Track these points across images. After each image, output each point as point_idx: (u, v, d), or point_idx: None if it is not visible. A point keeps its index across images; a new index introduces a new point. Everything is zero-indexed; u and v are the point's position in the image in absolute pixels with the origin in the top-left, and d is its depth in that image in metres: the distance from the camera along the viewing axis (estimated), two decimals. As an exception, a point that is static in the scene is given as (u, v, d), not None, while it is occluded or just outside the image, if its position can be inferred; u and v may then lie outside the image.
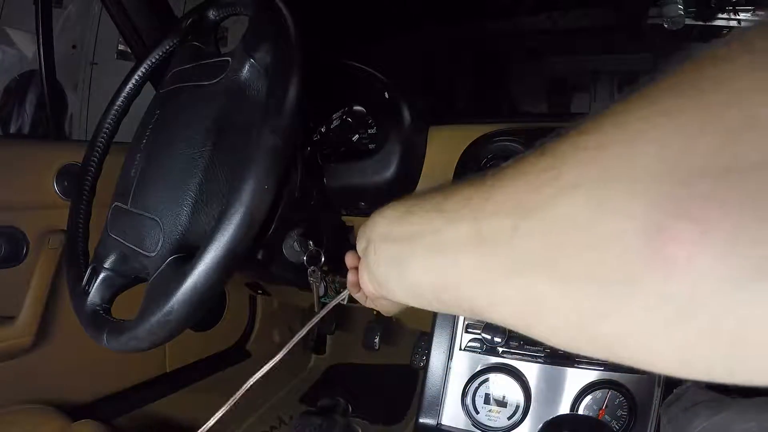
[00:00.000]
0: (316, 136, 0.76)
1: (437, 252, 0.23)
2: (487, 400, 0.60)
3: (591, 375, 0.58)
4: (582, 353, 0.20)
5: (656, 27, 1.14)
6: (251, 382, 0.34)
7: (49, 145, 0.89)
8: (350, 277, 0.40)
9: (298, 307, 1.36)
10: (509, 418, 0.59)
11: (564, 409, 0.58)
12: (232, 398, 0.32)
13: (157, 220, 0.47)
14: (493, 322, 0.23)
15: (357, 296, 0.41)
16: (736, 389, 0.45)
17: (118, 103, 0.63)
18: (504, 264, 0.19)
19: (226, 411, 0.35)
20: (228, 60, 0.50)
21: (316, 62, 0.66)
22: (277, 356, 0.35)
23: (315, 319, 0.38)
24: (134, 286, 0.54)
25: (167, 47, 0.62)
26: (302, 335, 0.37)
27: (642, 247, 0.15)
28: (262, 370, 0.35)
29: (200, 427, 0.35)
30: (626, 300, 0.15)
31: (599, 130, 0.17)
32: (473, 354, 0.62)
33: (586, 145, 0.17)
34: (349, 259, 0.40)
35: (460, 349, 0.63)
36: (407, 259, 0.26)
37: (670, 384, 0.55)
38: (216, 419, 0.32)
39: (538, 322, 0.19)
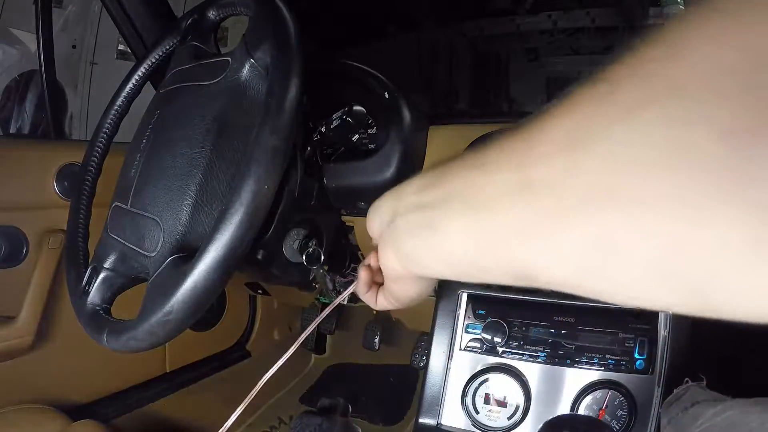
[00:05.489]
0: (316, 136, 0.76)
1: (477, 209, 0.20)
2: (487, 400, 0.60)
3: (591, 375, 0.58)
4: (657, 303, 0.17)
5: (657, 27, 1.13)
6: (262, 383, 0.33)
7: (49, 145, 0.89)
8: (363, 274, 0.36)
9: (298, 307, 1.36)
10: (509, 418, 0.59)
11: (564, 409, 0.58)
12: (246, 399, 0.32)
13: (157, 220, 0.47)
14: (546, 287, 0.20)
15: (366, 297, 0.37)
16: (736, 389, 0.45)
17: (118, 103, 0.63)
18: (561, 207, 0.17)
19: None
20: (228, 60, 0.50)
21: (316, 62, 0.66)
22: (286, 354, 0.35)
23: (321, 316, 0.37)
24: (134, 286, 0.54)
25: (167, 47, 0.62)
26: (309, 332, 0.36)
27: (735, 155, 0.13)
28: (271, 370, 0.34)
29: (200, 427, 0.35)
30: (720, 222, 0.13)
31: (661, 41, 0.15)
32: (473, 354, 0.62)
33: (650, 57, 0.15)
34: (373, 257, 0.36)
35: (460, 349, 0.63)
36: (442, 223, 0.23)
37: (670, 384, 0.55)
38: (231, 422, 0.31)
39: (607, 269, 0.17)
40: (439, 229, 0.23)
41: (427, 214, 0.24)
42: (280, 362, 0.34)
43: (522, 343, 0.61)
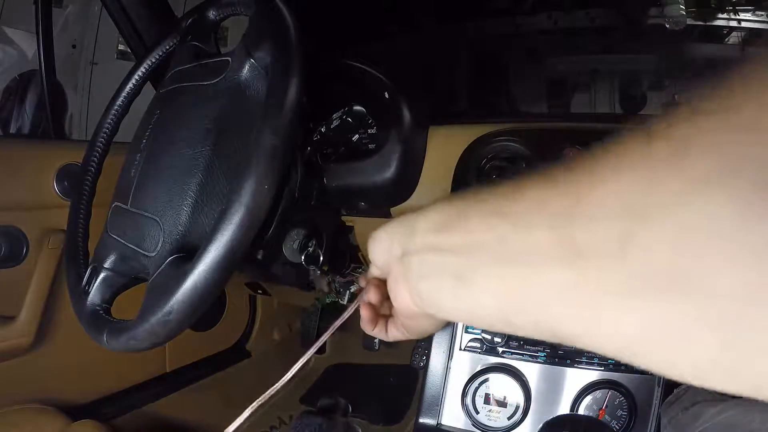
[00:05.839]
0: (316, 136, 0.76)
1: (509, 266, 0.19)
2: (487, 400, 0.60)
3: (591, 375, 0.58)
4: (713, 385, 0.15)
5: (657, 27, 1.14)
6: (278, 386, 0.33)
7: (49, 145, 0.89)
8: (365, 313, 0.34)
9: (298, 307, 1.36)
10: (509, 418, 0.59)
11: (564, 409, 0.58)
12: (253, 404, 0.32)
13: (157, 220, 0.47)
14: (585, 348, 0.18)
15: (375, 333, 0.35)
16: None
17: (118, 103, 0.63)
18: (614, 282, 0.15)
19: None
20: (228, 60, 0.50)
21: (316, 62, 0.66)
22: (302, 358, 0.34)
23: (340, 320, 0.36)
24: (134, 286, 0.54)
25: (167, 47, 0.62)
26: (330, 333, 0.35)
27: None
28: (284, 377, 0.33)
29: (200, 427, 0.35)
30: None
31: (733, 109, 0.13)
32: (473, 354, 0.62)
33: (716, 126, 0.13)
34: (372, 293, 0.33)
35: (460, 349, 0.63)
36: (466, 275, 0.21)
37: (670, 384, 0.55)
38: (241, 421, 0.31)
39: (658, 352, 0.15)
40: (464, 281, 0.21)
41: (448, 259, 0.22)
42: (297, 365, 0.33)
43: (522, 342, 0.61)
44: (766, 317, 0.12)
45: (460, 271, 0.22)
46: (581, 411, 0.57)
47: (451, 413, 0.62)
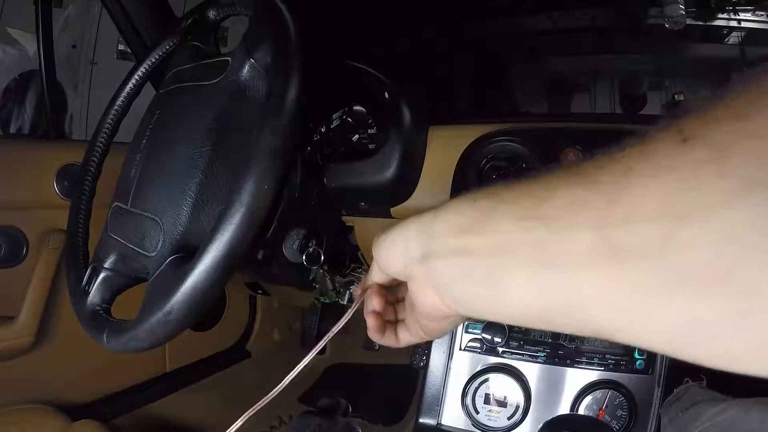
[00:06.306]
0: (316, 136, 0.76)
1: (547, 268, 0.19)
2: (487, 400, 0.60)
3: (591, 375, 0.58)
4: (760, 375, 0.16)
5: (657, 27, 1.14)
6: (274, 392, 0.33)
7: (49, 145, 0.89)
8: (372, 322, 0.33)
9: (298, 307, 1.36)
10: (509, 418, 0.59)
11: (564, 409, 0.58)
12: (255, 406, 0.31)
13: (157, 220, 0.47)
14: (626, 343, 0.19)
15: (383, 341, 0.34)
16: (736, 389, 0.45)
17: (118, 103, 0.63)
18: (654, 282, 0.16)
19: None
20: (228, 60, 0.50)
21: (316, 62, 0.66)
22: (298, 365, 0.34)
23: (337, 326, 0.35)
24: (134, 286, 0.54)
25: (167, 47, 0.62)
26: (328, 338, 0.35)
27: None
28: (281, 383, 0.33)
29: (200, 427, 0.35)
30: None
31: (761, 114, 0.14)
32: (473, 354, 0.62)
33: (754, 132, 0.14)
34: (376, 301, 0.33)
35: (460, 349, 0.63)
36: (502, 278, 0.21)
37: (670, 384, 0.55)
38: (244, 420, 0.31)
39: (702, 346, 0.16)
40: (500, 284, 0.21)
41: (478, 262, 0.22)
42: (287, 378, 0.33)
43: (522, 343, 0.61)
44: None
45: (493, 274, 0.21)
46: (581, 411, 0.57)
47: (451, 413, 0.62)
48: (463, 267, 0.23)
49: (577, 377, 0.58)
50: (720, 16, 1.22)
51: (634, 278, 0.16)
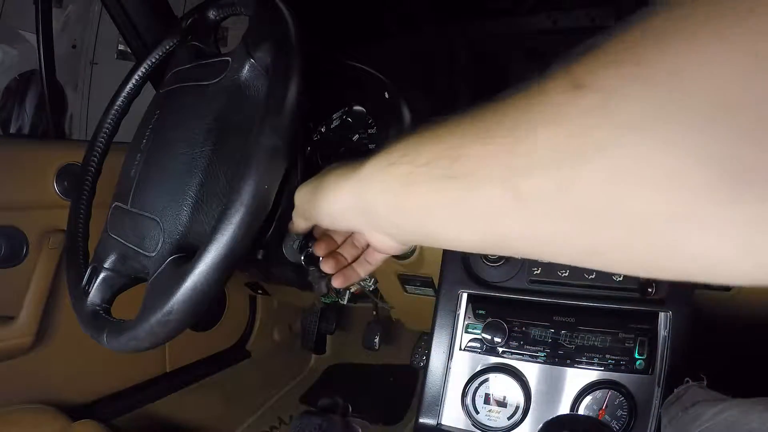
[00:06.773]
0: (316, 136, 0.76)
1: (469, 220, 0.22)
2: (487, 400, 0.60)
3: (591, 375, 0.58)
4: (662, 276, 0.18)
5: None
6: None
7: (49, 145, 0.89)
8: (331, 266, 0.43)
9: (298, 307, 1.36)
10: (509, 418, 0.59)
11: (564, 409, 0.58)
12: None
13: (157, 220, 0.47)
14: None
15: (345, 282, 0.44)
16: (736, 389, 0.45)
17: (118, 103, 0.63)
18: (557, 219, 0.18)
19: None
20: (228, 60, 0.50)
21: (316, 62, 0.66)
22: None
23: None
24: (134, 286, 0.54)
25: (167, 47, 0.62)
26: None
27: (722, 191, 0.14)
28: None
29: (200, 427, 0.35)
30: (703, 236, 0.15)
31: (646, 60, 0.15)
32: (473, 354, 0.62)
33: (636, 74, 0.15)
34: (324, 246, 0.44)
35: (460, 349, 0.63)
36: (434, 230, 0.25)
37: (670, 384, 0.55)
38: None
39: (604, 262, 0.19)
40: (432, 235, 0.26)
41: (410, 218, 0.26)
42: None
43: (522, 343, 0.61)
44: (681, 231, 0.15)
45: (425, 226, 0.26)
46: (581, 411, 0.57)
47: (451, 413, 0.62)
48: (399, 222, 0.27)
49: (577, 377, 0.58)
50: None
51: (539, 218, 0.19)
